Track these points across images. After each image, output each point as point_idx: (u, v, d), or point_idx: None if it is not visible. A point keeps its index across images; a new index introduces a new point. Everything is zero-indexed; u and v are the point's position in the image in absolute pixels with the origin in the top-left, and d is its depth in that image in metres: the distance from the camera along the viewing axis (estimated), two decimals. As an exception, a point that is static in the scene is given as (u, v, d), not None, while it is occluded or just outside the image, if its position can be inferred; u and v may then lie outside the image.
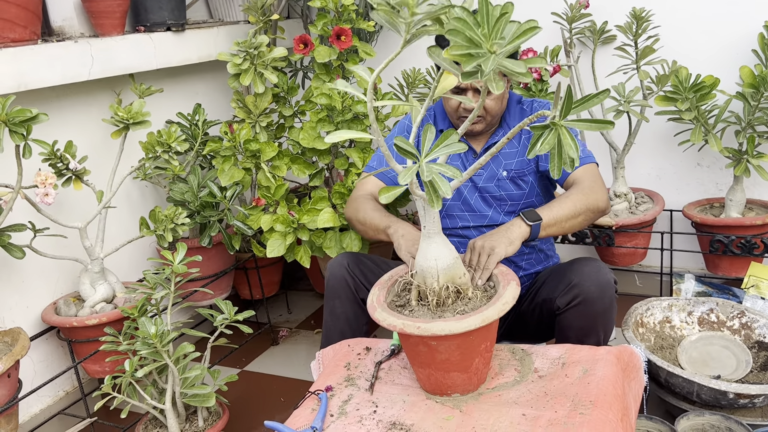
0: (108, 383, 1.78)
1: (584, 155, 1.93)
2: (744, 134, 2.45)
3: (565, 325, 1.81)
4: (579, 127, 1.18)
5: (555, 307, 1.81)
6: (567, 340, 1.82)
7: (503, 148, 1.98)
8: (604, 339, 1.82)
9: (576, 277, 1.77)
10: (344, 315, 1.92)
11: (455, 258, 1.52)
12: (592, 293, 1.74)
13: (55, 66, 2.11)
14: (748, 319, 2.10)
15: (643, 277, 2.90)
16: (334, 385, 1.64)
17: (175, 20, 2.52)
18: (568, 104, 1.16)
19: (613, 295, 1.77)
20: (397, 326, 1.45)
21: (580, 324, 1.78)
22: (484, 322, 1.43)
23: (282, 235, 2.33)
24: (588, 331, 1.78)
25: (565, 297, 1.78)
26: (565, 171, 1.91)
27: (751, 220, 2.49)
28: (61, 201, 2.27)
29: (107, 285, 2.25)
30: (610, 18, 2.71)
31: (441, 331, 1.41)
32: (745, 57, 2.56)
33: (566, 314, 1.79)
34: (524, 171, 2.00)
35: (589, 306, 1.75)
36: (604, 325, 1.79)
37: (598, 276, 1.76)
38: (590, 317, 1.76)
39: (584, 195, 1.81)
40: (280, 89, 2.61)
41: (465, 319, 1.42)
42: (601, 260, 2.85)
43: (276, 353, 2.71)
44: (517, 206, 2.01)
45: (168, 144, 2.34)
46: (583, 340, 1.78)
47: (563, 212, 1.78)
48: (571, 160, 1.16)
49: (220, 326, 1.94)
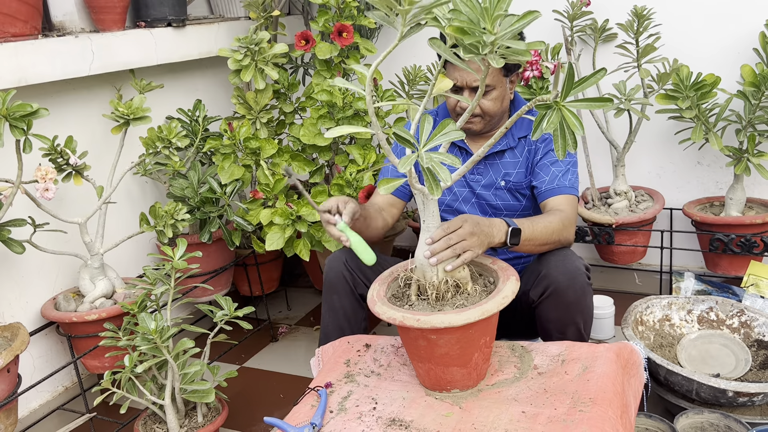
0: (107, 379, 1.78)
1: (572, 185, 1.92)
2: (744, 133, 2.45)
3: (542, 317, 1.81)
4: (579, 106, 1.20)
5: (530, 300, 1.81)
6: (548, 334, 1.82)
7: (504, 157, 1.99)
8: (585, 328, 1.81)
9: (544, 268, 1.77)
10: (342, 310, 1.93)
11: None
12: (561, 282, 1.73)
13: (56, 61, 2.11)
14: (748, 318, 2.11)
15: (642, 276, 2.90)
16: (334, 382, 1.64)
17: (175, 16, 2.52)
18: (569, 84, 1.17)
19: (584, 282, 1.76)
20: (397, 319, 1.46)
21: (556, 315, 1.77)
22: (484, 315, 1.43)
23: (281, 227, 2.33)
24: (565, 322, 1.78)
25: (536, 289, 1.78)
26: (549, 189, 1.91)
27: (751, 219, 2.49)
28: (61, 196, 2.26)
29: (107, 280, 2.25)
30: (611, 16, 2.71)
31: (440, 323, 1.41)
32: (746, 56, 2.56)
33: (541, 306, 1.79)
34: (522, 184, 2.00)
35: (561, 296, 1.74)
36: (581, 313, 1.78)
37: (565, 264, 1.75)
38: (564, 306, 1.76)
39: (563, 226, 1.80)
40: (281, 85, 2.61)
41: (464, 312, 1.42)
42: (601, 258, 2.85)
43: (275, 350, 2.71)
44: (513, 216, 2.00)
45: (168, 140, 2.34)
46: (564, 331, 1.78)
47: (541, 235, 1.75)
48: (574, 141, 1.18)
49: (220, 322, 1.94)
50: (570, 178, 1.92)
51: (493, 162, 2.00)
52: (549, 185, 1.91)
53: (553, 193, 1.90)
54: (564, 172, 1.92)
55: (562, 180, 1.91)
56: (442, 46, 1.23)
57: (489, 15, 1.11)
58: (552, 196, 1.90)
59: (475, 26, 1.13)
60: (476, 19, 1.13)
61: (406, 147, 1.29)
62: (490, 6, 1.11)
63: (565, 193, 1.90)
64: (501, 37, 1.13)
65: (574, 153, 1.97)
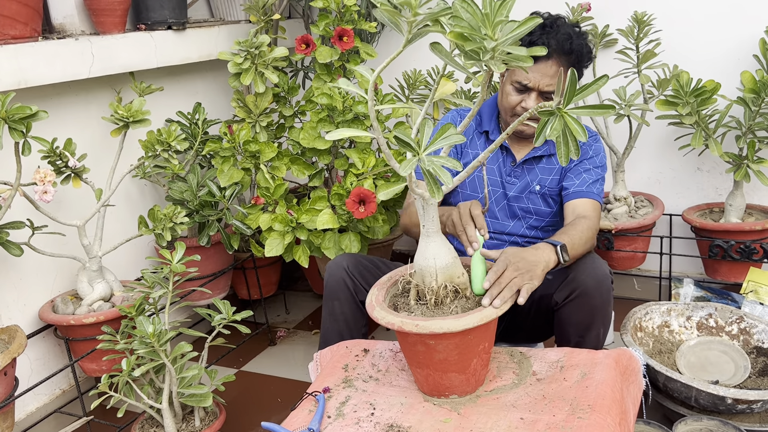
0: (105, 382, 1.77)
1: (599, 194, 1.97)
2: (744, 139, 2.45)
3: (564, 320, 1.81)
4: (581, 113, 1.20)
5: (553, 303, 1.82)
6: (567, 336, 1.82)
7: (542, 162, 2.01)
8: (604, 335, 1.82)
9: (572, 272, 1.78)
10: (343, 316, 1.92)
11: (454, 257, 1.52)
12: (589, 286, 1.74)
13: (56, 63, 2.11)
14: (747, 325, 2.10)
15: (641, 281, 2.90)
16: (332, 387, 1.64)
17: (176, 19, 2.52)
18: (571, 91, 1.18)
19: (609, 287, 1.78)
20: (396, 324, 1.45)
21: (579, 318, 1.78)
22: (483, 321, 1.43)
23: (280, 234, 2.33)
24: (588, 326, 1.78)
25: (563, 291, 1.79)
26: (578, 191, 1.95)
27: (751, 225, 2.48)
28: (59, 199, 2.26)
29: (105, 283, 2.24)
30: (611, 21, 2.71)
31: (439, 329, 1.41)
32: (747, 62, 2.56)
33: (564, 308, 1.79)
34: (556, 191, 2.02)
35: (588, 299, 1.75)
36: (603, 319, 1.80)
37: (594, 269, 1.77)
38: (588, 310, 1.76)
39: (593, 233, 1.86)
40: (281, 89, 2.61)
41: (463, 318, 1.42)
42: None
43: (273, 354, 2.71)
44: (542, 222, 2.04)
45: (168, 143, 2.34)
46: (584, 335, 1.79)
47: (579, 245, 1.78)
48: (577, 148, 1.20)
49: (218, 326, 1.93)
50: (599, 187, 1.97)
51: (531, 167, 2.02)
52: (579, 188, 1.95)
53: (581, 195, 1.94)
54: (594, 181, 1.97)
55: (592, 186, 1.95)
56: (444, 51, 1.23)
57: (490, 21, 1.12)
58: (580, 198, 1.94)
59: (476, 32, 1.13)
60: (477, 26, 1.13)
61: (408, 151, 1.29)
62: (491, 12, 1.11)
63: (593, 199, 1.94)
64: (502, 43, 1.13)
65: (604, 166, 2.03)
